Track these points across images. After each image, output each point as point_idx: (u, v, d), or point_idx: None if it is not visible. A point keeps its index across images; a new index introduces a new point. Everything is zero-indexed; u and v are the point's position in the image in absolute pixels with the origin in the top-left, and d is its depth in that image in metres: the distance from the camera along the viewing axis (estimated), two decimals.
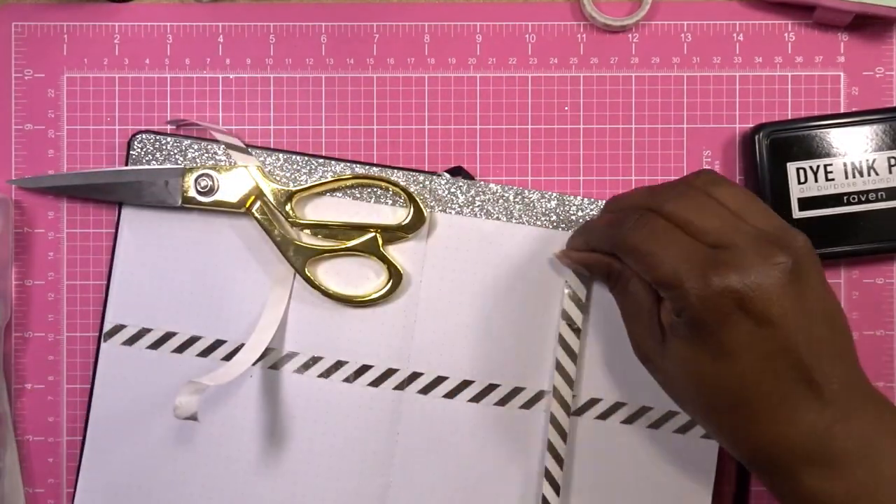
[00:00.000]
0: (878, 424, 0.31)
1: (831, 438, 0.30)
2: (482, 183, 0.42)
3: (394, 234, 0.41)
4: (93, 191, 0.41)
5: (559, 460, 0.40)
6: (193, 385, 0.36)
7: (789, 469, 0.31)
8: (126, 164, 0.42)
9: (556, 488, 0.40)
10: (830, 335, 0.31)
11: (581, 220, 0.41)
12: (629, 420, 0.41)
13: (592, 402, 0.41)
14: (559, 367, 0.40)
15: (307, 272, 0.41)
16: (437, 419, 0.41)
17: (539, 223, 0.41)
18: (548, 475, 0.40)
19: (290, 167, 0.41)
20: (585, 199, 0.41)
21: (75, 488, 0.42)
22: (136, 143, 0.42)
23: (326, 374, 0.41)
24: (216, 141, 0.42)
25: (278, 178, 0.41)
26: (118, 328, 0.42)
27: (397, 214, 0.41)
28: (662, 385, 0.35)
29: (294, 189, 0.41)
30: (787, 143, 0.41)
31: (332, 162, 0.41)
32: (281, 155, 0.42)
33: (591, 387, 0.41)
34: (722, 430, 0.32)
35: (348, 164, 0.41)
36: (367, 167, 0.41)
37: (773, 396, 0.30)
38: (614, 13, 0.43)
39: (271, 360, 0.41)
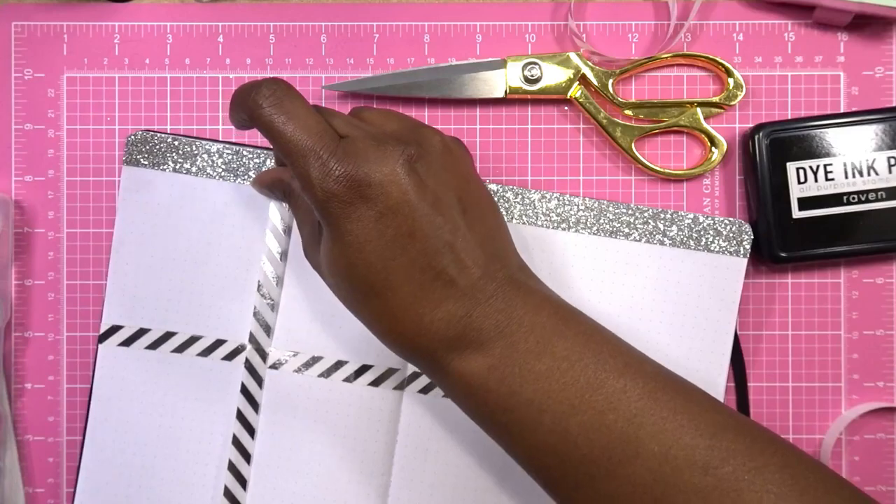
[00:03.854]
0: (515, 300, 0.32)
1: (470, 322, 0.31)
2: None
3: (711, 108, 0.42)
4: (413, 88, 0.42)
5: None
6: None
7: (436, 356, 0.32)
8: (123, 163, 0.42)
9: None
10: (466, 223, 0.32)
11: (581, 220, 0.41)
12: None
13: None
14: None
15: (634, 151, 0.42)
16: (436, 419, 0.41)
17: (539, 223, 0.41)
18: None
19: None
20: (586, 199, 0.41)
21: (75, 488, 0.42)
22: (131, 141, 0.42)
23: (326, 374, 0.41)
24: (215, 140, 0.42)
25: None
26: (115, 329, 0.42)
27: (711, 90, 0.43)
28: (330, 288, 0.34)
29: (616, 71, 0.42)
30: (787, 142, 0.41)
31: None
32: None
33: None
34: (370, 321, 0.33)
35: None
36: None
37: (406, 286, 0.31)
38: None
39: (271, 360, 0.41)
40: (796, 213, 0.41)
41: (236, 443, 0.41)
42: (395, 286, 0.31)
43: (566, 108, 0.43)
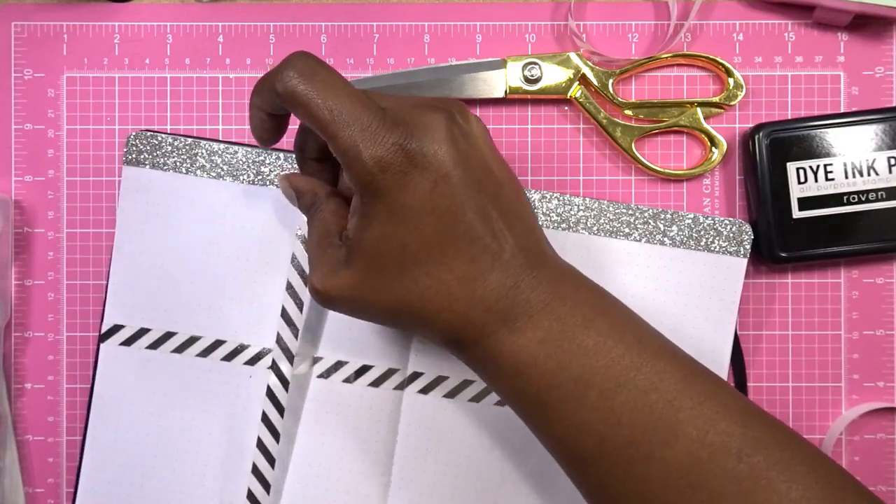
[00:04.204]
0: (555, 275, 0.32)
1: (519, 293, 0.31)
2: None
3: (711, 108, 0.42)
4: (413, 88, 0.42)
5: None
6: None
7: (486, 332, 0.31)
8: (124, 163, 0.42)
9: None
10: (505, 195, 0.32)
11: (581, 220, 0.41)
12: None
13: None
14: None
15: (634, 151, 0.42)
16: (437, 419, 0.41)
17: (539, 223, 0.41)
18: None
19: (290, 165, 0.41)
20: (586, 199, 0.41)
21: (76, 488, 0.42)
22: (132, 141, 0.42)
23: (326, 374, 0.41)
24: (215, 140, 0.42)
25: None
26: (116, 328, 0.42)
27: (711, 90, 0.43)
28: (352, 310, 0.33)
29: (616, 71, 0.42)
30: (787, 142, 0.41)
31: None
32: (281, 154, 0.42)
33: None
34: (418, 310, 0.31)
35: None
36: None
37: (458, 259, 0.30)
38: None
39: (271, 360, 0.41)
40: (796, 213, 0.41)
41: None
42: (447, 260, 0.31)
43: (566, 108, 0.43)
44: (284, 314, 0.40)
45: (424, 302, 0.31)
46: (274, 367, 0.40)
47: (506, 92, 0.42)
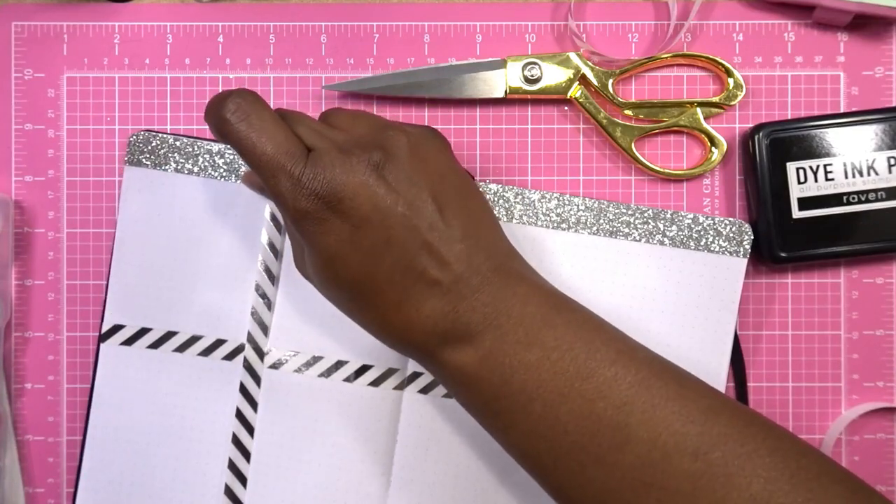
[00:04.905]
0: (504, 290, 0.32)
1: (457, 317, 0.32)
2: (482, 183, 0.42)
3: (711, 108, 0.42)
4: (413, 88, 0.42)
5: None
6: None
7: (428, 350, 0.33)
8: (125, 164, 0.42)
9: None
10: (444, 219, 0.32)
11: (581, 220, 0.41)
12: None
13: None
14: None
15: (634, 151, 0.42)
16: (437, 419, 0.41)
17: (539, 223, 0.41)
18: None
19: None
20: (586, 199, 0.41)
21: (76, 488, 0.42)
22: (134, 141, 0.42)
23: (327, 373, 0.41)
24: (215, 140, 0.42)
25: None
26: (116, 328, 0.42)
27: (711, 90, 0.43)
28: (321, 293, 0.35)
29: (616, 71, 0.42)
30: (787, 142, 0.41)
31: None
32: None
33: None
34: (362, 323, 0.34)
35: None
36: None
37: (391, 290, 0.32)
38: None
39: (271, 359, 0.41)
40: (796, 213, 0.41)
41: (236, 441, 0.41)
42: (379, 291, 0.32)
43: (566, 108, 0.43)
44: (258, 288, 0.41)
45: (365, 323, 0.33)
46: (250, 339, 0.41)
47: (506, 92, 0.42)
